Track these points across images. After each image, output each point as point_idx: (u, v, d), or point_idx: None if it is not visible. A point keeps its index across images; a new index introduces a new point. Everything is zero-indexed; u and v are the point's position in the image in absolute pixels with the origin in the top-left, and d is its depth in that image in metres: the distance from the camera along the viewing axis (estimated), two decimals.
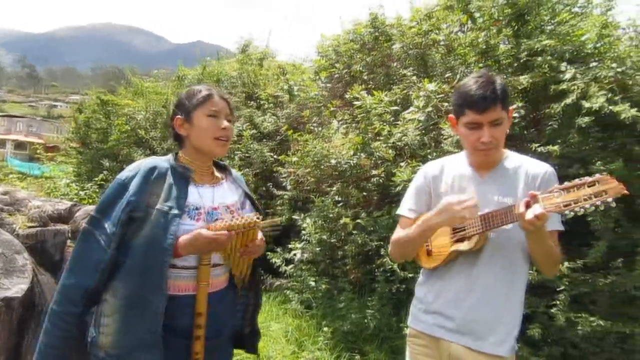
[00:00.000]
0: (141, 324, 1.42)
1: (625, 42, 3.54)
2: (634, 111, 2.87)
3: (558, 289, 2.76)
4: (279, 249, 4.34)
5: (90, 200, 5.99)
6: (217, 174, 1.72)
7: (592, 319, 2.66)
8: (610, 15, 3.58)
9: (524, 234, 1.53)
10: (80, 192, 5.73)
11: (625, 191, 1.34)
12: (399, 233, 1.76)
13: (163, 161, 1.59)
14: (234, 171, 1.83)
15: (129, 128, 6.87)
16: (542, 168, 1.63)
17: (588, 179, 1.38)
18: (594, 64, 3.22)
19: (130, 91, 8.03)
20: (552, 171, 1.63)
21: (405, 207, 1.79)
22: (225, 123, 1.61)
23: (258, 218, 1.56)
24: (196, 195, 1.58)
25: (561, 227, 1.61)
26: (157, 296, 1.43)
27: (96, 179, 6.29)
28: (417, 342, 1.73)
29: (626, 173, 2.94)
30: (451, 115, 1.71)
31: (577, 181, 1.40)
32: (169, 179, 1.53)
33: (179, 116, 1.61)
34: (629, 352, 2.78)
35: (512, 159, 1.69)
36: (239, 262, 1.65)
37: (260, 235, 1.66)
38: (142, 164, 1.56)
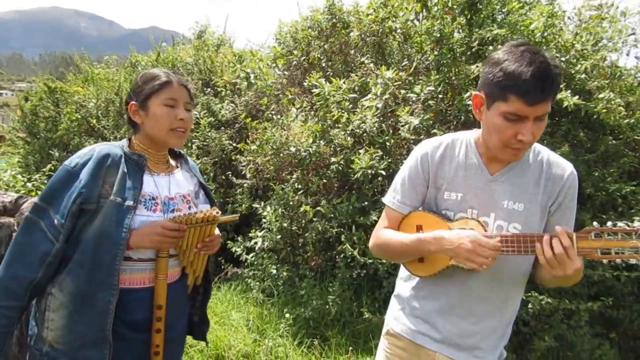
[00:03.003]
0: (89, 321, 1.37)
1: (570, 30, 3.70)
2: (575, 99, 3.01)
3: None
4: (239, 238, 4.30)
5: (39, 192, 5.71)
6: (171, 161, 1.66)
7: (541, 297, 2.80)
8: (556, 5, 3.72)
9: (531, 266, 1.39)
10: (28, 184, 5.46)
11: None
12: (384, 234, 1.51)
13: (116, 148, 1.50)
14: (190, 160, 1.77)
15: (80, 116, 6.57)
16: (564, 170, 1.39)
17: (637, 225, 1.19)
18: None
19: (80, 78, 7.66)
20: (575, 175, 1.39)
21: (395, 198, 1.52)
22: (183, 113, 1.53)
23: (217, 213, 1.53)
24: (152, 184, 1.52)
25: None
26: (107, 292, 1.37)
27: (44, 169, 5.99)
28: (395, 343, 1.58)
29: (573, 158, 3.09)
30: (478, 93, 1.35)
31: (624, 227, 1.20)
32: (123, 167, 1.46)
33: (133, 102, 1.53)
34: (574, 327, 2.95)
35: (532, 154, 1.41)
36: (194, 260, 1.59)
37: (217, 230, 1.62)
38: (94, 150, 1.46)
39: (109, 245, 1.38)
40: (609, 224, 1.21)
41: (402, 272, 1.62)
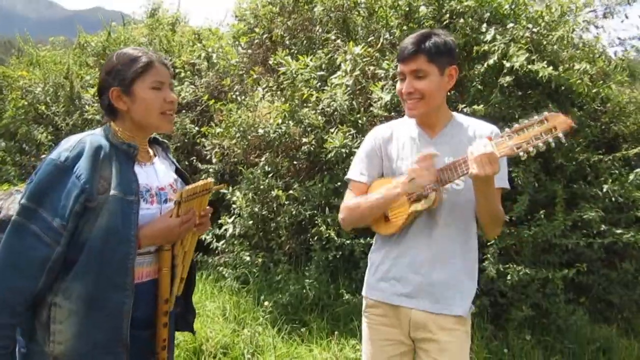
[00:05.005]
0: (104, 326, 1.28)
1: (536, 2, 3.70)
2: (550, 69, 3.01)
3: (488, 243, 2.90)
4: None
5: None
6: (149, 150, 1.53)
7: (518, 268, 2.83)
8: None
9: (474, 195, 1.53)
10: None
11: (573, 124, 1.37)
12: (353, 199, 1.69)
13: (100, 137, 1.36)
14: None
15: (26, 103, 6.13)
16: (488, 128, 1.65)
17: (536, 118, 1.39)
18: (511, 25, 3.32)
19: (24, 61, 7.14)
20: (498, 131, 1.63)
21: (357, 171, 1.73)
22: (170, 94, 1.41)
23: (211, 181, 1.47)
24: (143, 175, 1.40)
25: (507, 185, 1.63)
26: (121, 293, 1.29)
27: None
28: (375, 312, 1.69)
29: None
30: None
31: (525, 122, 1.40)
32: (114, 159, 1.33)
33: (115, 87, 1.38)
34: (549, 296, 3.02)
35: (459, 120, 1.70)
36: (186, 243, 1.47)
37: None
38: (83, 142, 1.31)
39: (118, 243, 1.28)
40: (515, 125, 1.42)
41: (374, 244, 1.78)
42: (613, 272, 3.20)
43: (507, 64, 3.04)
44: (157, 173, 1.48)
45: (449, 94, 3.52)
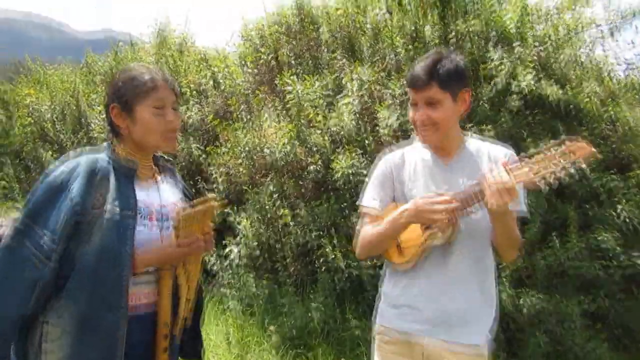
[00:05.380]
0: (98, 347, 1.22)
1: (541, 22, 3.68)
2: (557, 90, 2.97)
3: (500, 268, 2.81)
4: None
5: None
6: (154, 167, 1.49)
7: (532, 294, 2.74)
8: None
9: (490, 222, 1.46)
10: None
11: (596, 152, 1.30)
12: (366, 229, 1.63)
13: (102, 156, 1.33)
14: (168, 164, 1.60)
15: (32, 121, 6.16)
16: (503, 151, 1.59)
17: (554, 143, 1.32)
18: (517, 45, 3.30)
19: (31, 81, 7.18)
20: (513, 153, 1.58)
21: (369, 197, 1.66)
22: (172, 114, 1.38)
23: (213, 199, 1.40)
24: (143, 193, 1.36)
25: (524, 208, 1.55)
26: (115, 314, 1.23)
27: None
28: (386, 340, 1.61)
29: None
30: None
31: (542, 147, 1.34)
32: (112, 176, 1.30)
33: (115, 104, 1.36)
34: (564, 322, 2.91)
35: (473, 143, 1.64)
36: (188, 266, 1.41)
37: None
38: (79, 161, 1.29)
39: (112, 262, 1.23)
40: (532, 150, 1.36)
41: (384, 271, 1.71)
42: (630, 298, 3.09)
43: (515, 85, 3.00)
44: (159, 191, 1.44)
45: None
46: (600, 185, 3.15)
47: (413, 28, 3.66)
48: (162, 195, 1.43)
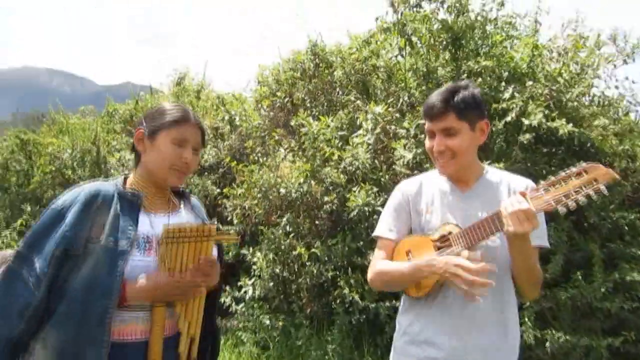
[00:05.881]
0: None
1: (553, 61, 3.74)
2: (570, 127, 2.97)
3: (524, 306, 2.72)
4: (227, 288, 4.04)
5: (9, 249, 5.33)
6: (173, 199, 1.50)
7: (558, 334, 2.63)
8: (537, 37, 3.78)
9: (509, 256, 1.43)
10: None
11: (617, 175, 1.28)
12: (383, 264, 1.59)
13: (109, 186, 1.36)
14: (193, 198, 1.61)
15: (53, 168, 6.31)
16: (524, 182, 1.57)
17: (574, 169, 1.30)
18: (530, 83, 3.34)
19: (54, 129, 7.44)
20: (533, 185, 1.55)
21: (385, 228, 1.64)
22: (189, 154, 1.40)
23: (214, 226, 1.38)
24: (147, 224, 1.35)
25: (546, 243, 1.52)
26: (96, 349, 1.19)
27: (15, 224, 5.67)
28: None
29: None
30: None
31: (562, 174, 1.31)
32: (116, 206, 1.30)
33: (141, 129, 1.40)
34: None
35: (493, 174, 1.62)
36: (188, 307, 1.35)
37: (215, 253, 1.41)
38: (83, 189, 1.32)
39: (100, 292, 1.21)
40: (551, 177, 1.34)
41: (402, 306, 1.66)
42: None
43: (526, 121, 3.02)
44: (170, 223, 1.41)
45: None
46: (624, 223, 3.08)
47: (425, 69, 3.74)
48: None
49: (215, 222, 1.42)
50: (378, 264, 1.60)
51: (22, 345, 1.22)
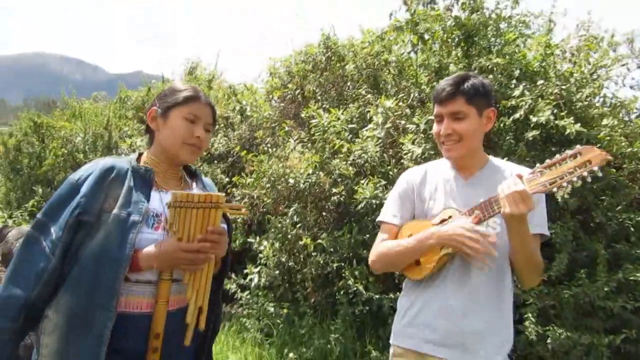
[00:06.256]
0: (83, 347, 1.24)
1: (565, 61, 3.73)
2: (577, 126, 2.98)
3: (527, 303, 2.74)
4: (232, 275, 4.09)
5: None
6: (187, 178, 1.54)
7: (560, 331, 2.65)
8: (551, 36, 3.77)
9: (508, 242, 1.46)
10: (8, 220, 5.23)
11: (609, 157, 1.31)
12: (384, 243, 1.64)
13: (123, 162, 1.41)
14: (206, 178, 1.65)
15: (66, 152, 6.41)
16: (525, 170, 1.58)
17: (569, 152, 1.33)
18: (541, 81, 3.34)
19: (66, 114, 7.53)
20: None
21: (389, 213, 1.69)
22: (201, 131, 1.44)
23: (222, 196, 1.38)
24: (157, 201, 1.40)
25: (546, 232, 1.55)
26: (104, 314, 1.24)
27: (27, 205, 5.77)
28: None
29: (578, 188, 3.02)
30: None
31: (558, 157, 1.35)
32: (129, 181, 1.35)
33: (155, 107, 1.46)
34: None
35: (496, 163, 1.66)
36: (196, 277, 1.35)
37: (223, 225, 1.42)
38: (98, 163, 1.38)
39: (111, 262, 1.26)
40: (547, 160, 1.37)
41: (403, 290, 1.71)
42: None
43: (534, 119, 3.03)
44: None
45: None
46: (630, 224, 3.08)
47: (437, 65, 3.75)
48: None
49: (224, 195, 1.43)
50: (380, 245, 1.64)
51: (37, 311, 1.27)
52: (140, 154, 1.49)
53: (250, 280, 3.90)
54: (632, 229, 3.03)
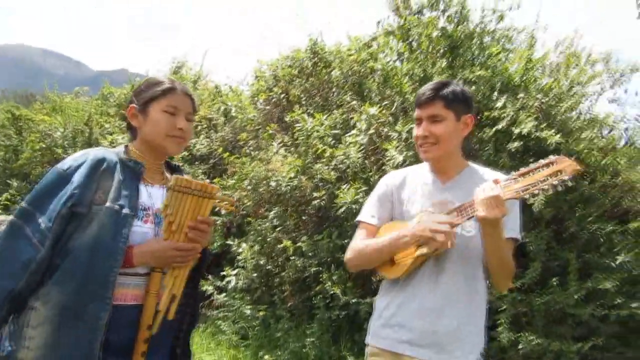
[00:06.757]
0: (76, 339, 1.23)
1: (545, 75, 3.84)
2: (558, 137, 3.06)
3: (500, 310, 2.79)
4: (210, 277, 4.07)
5: None
6: (167, 174, 1.54)
7: (531, 337, 2.71)
8: (533, 51, 3.87)
9: (483, 244, 1.50)
10: None
11: (580, 167, 1.34)
12: (363, 241, 1.66)
13: (112, 154, 1.40)
14: (186, 175, 1.65)
15: (44, 145, 6.28)
16: (502, 176, 1.61)
17: (543, 161, 1.37)
18: (521, 94, 3.43)
19: (46, 107, 7.39)
20: None
21: (368, 214, 1.72)
22: (183, 122, 1.44)
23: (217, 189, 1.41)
24: (145, 194, 1.40)
25: (518, 236, 1.59)
26: (99, 306, 1.24)
27: (0, 198, 5.64)
28: None
29: (553, 197, 3.10)
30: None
31: (532, 165, 1.39)
32: (119, 174, 1.35)
33: (133, 105, 1.45)
34: None
35: (474, 169, 1.69)
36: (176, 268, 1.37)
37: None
38: (88, 153, 1.37)
39: (105, 255, 1.26)
40: (522, 168, 1.42)
41: (380, 290, 1.72)
42: (629, 350, 3.04)
43: (516, 130, 3.11)
44: (164, 195, 1.44)
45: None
46: (601, 235, 3.17)
47: (422, 75, 3.81)
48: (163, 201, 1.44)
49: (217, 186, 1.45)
50: (357, 243, 1.68)
51: (21, 302, 1.25)
52: (126, 146, 1.48)
53: (228, 282, 3.88)
54: (602, 239, 3.11)
